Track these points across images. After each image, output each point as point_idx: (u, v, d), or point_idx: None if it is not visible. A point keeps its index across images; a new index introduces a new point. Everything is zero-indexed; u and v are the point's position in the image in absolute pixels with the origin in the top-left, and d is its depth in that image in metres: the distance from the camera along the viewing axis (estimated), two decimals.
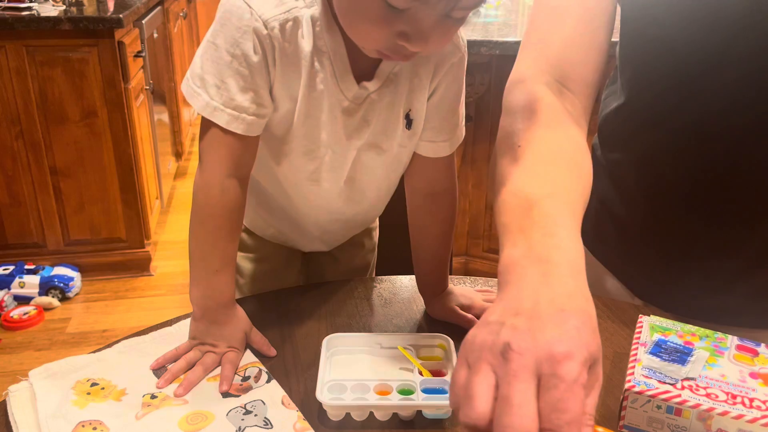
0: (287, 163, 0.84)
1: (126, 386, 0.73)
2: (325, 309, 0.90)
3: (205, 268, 0.79)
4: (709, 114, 0.75)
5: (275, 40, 0.73)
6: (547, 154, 0.65)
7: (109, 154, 2.47)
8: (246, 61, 0.73)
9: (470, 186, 2.45)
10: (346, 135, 0.81)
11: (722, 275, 0.84)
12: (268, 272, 1.06)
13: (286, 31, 0.73)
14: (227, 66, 0.73)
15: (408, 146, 0.86)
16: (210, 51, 0.74)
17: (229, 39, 0.72)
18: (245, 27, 0.72)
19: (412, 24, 0.65)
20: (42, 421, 0.67)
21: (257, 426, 0.67)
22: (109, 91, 2.38)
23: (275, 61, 0.74)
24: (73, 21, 2.27)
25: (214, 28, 0.74)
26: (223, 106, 0.74)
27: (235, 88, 0.73)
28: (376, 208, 0.99)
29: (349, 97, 0.78)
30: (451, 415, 0.69)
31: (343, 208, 0.92)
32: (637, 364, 0.67)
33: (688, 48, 0.74)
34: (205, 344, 0.78)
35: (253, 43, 0.72)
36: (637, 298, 0.95)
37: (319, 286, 0.97)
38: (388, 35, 0.66)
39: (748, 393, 0.63)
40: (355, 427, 0.69)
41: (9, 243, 2.53)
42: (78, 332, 2.33)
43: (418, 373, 0.73)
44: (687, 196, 0.82)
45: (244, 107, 0.74)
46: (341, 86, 0.77)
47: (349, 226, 1.02)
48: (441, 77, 0.82)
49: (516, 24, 2.41)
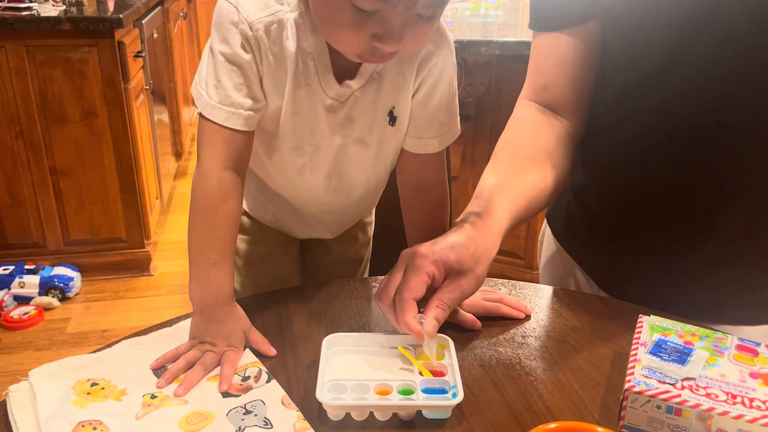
0: (277, 157, 0.89)
1: (126, 386, 0.73)
2: (325, 309, 0.90)
3: (202, 261, 0.80)
4: (669, 110, 0.81)
5: (260, 41, 0.77)
6: (511, 156, 0.87)
7: (109, 154, 2.47)
8: (238, 59, 0.78)
9: (470, 186, 2.45)
10: (331, 131, 0.85)
11: (691, 267, 0.87)
12: (263, 255, 1.09)
13: (271, 32, 0.78)
14: (221, 65, 0.78)
15: (393, 142, 0.90)
16: (209, 54, 0.79)
17: (222, 40, 0.77)
18: (234, 27, 0.76)
19: (382, 25, 0.69)
20: (42, 421, 0.67)
21: (257, 426, 0.67)
22: (109, 91, 2.38)
23: (262, 60, 0.79)
24: (73, 21, 2.27)
25: (211, 33, 0.79)
26: (220, 104, 0.78)
27: (230, 85, 0.78)
28: (368, 200, 1.02)
29: (331, 95, 0.82)
30: (452, 416, 0.69)
31: (333, 200, 0.96)
32: (637, 364, 0.67)
33: (648, 47, 0.80)
34: (205, 343, 0.79)
35: (241, 42, 0.77)
36: (603, 292, 0.99)
37: (319, 286, 0.97)
38: (361, 38, 0.71)
39: (748, 393, 0.63)
40: (355, 427, 0.69)
41: (9, 243, 2.53)
42: (78, 332, 2.33)
43: (418, 373, 0.73)
44: (653, 190, 0.86)
45: (240, 103, 0.79)
46: (323, 85, 0.81)
47: (344, 217, 1.05)
48: (425, 75, 0.85)
49: (516, 24, 2.41)
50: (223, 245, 0.80)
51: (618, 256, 0.95)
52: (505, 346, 0.82)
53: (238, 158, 0.81)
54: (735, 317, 0.89)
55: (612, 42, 0.85)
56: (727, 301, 0.89)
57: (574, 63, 0.88)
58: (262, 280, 1.08)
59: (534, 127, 0.89)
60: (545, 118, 0.90)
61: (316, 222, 1.02)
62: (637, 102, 0.84)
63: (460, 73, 2.10)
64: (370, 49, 0.71)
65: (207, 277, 0.79)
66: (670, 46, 0.78)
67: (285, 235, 1.09)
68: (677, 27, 0.77)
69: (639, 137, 0.85)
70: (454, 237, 0.75)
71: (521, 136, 0.89)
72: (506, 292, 0.94)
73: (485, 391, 0.74)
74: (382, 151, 0.90)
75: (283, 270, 1.11)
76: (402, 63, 0.83)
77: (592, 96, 0.90)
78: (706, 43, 0.75)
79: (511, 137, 0.90)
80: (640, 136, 0.85)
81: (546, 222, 1.09)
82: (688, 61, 0.77)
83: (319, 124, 0.84)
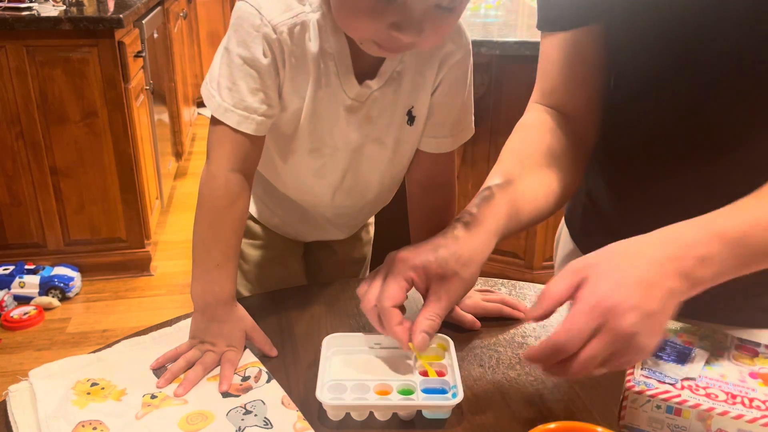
0: (293, 160, 0.88)
1: (126, 386, 0.73)
2: (325, 309, 0.90)
3: (206, 261, 0.80)
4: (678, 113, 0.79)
5: (284, 43, 0.77)
6: (515, 159, 0.83)
7: (109, 154, 2.47)
8: (256, 63, 0.77)
9: (470, 186, 2.45)
10: (350, 132, 0.85)
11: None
12: (271, 259, 1.08)
13: (294, 35, 0.77)
14: (238, 68, 0.77)
15: (410, 141, 0.89)
16: (224, 55, 0.78)
17: (240, 43, 0.77)
18: (256, 31, 0.76)
19: (403, 14, 0.68)
20: (42, 421, 0.67)
21: (257, 426, 0.67)
22: (109, 91, 2.38)
23: (284, 62, 0.78)
24: (73, 21, 2.27)
25: (228, 34, 0.78)
26: (234, 107, 0.78)
27: (246, 89, 0.77)
28: (382, 199, 1.01)
29: (351, 95, 0.82)
30: (452, 416, 0.69)
31: (347, 201, 0.95)
32: (637, 364, 0.67)
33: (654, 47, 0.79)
34: (205, 343, 0.79)
35: (263, 46, 0.76)
36: None
37: (319, 286, 0.97)
38: (380, 26, 0.69)
39: (748, 393, 0.63)
40: (355, 427, 0.69)
41: (9, 243, 2.53)
42: (78, 332, 2.33)
43: (418, 373, 0.73)
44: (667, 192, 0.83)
45: (254, 108, 0.78)
46: (344, 86, 0.81)
47: (357, 218, 1.05)
48: (444, 74, 0.85)
49: (516, 24, 2.41)
50: (228, 247, 0.80)
51: None
52: (505, 346, 0.82)
53: (247, 161, 0.80)
54: (742, 319, 0.88)
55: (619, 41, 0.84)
56: (734, 302, 0.88)
57: (582, 64, 0.87)
58: (269, 284, 1.07)
59: (540, 131, 0.87)
60: (553, 121, 0.88)
61: (327, 224, 1.02)
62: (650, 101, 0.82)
63: None
64: (388, 37, 0.70)
65: (210, 278, 0.79)
66: (677, 47, 0.77)
67: (290, 240, 1.08)
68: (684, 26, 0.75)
69: (652, 136, 0.84)
70: (439, 240, 0.73)
71: (527, 140, 0.87)
72: (506, 292, 0.94)
73: (485, 391, 0.74)
74: (399, 151, 0.90)
75: (290, 272, 1.10)
76: (422, 62, 0.83)
77: (602, 99, 0.88)
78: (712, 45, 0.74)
79: (516, 141, 0.87)
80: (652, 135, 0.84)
81: (564, 222, 1.08)
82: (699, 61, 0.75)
83: (338, 125, 0.84)
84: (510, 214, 0.77)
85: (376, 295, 0.72)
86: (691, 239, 0.61)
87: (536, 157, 0.84)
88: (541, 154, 0.84)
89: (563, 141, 0.86)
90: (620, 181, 0.91)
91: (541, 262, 2.39)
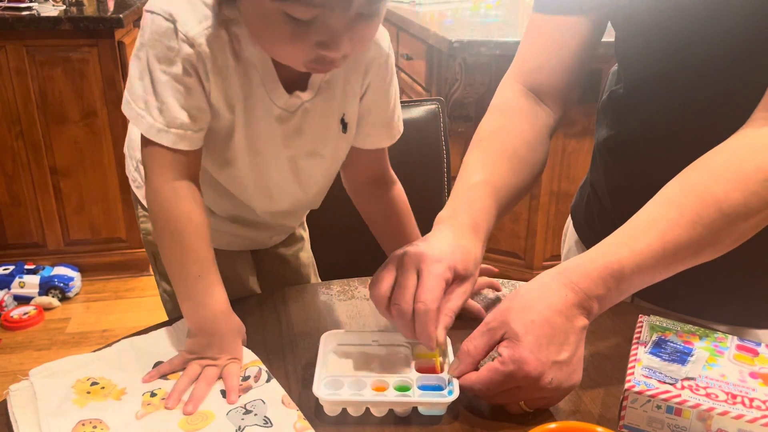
0: (228, 172, 0.85)
1: (126, 385, 0.73)
2: (324, 309, 0.90)
3: (185, 276, 0.76)
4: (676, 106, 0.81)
5: (204, 56, 0.74)
6: (497, 148, 0.86)
7: (109, 154, 2.47)
8: (182, 80, 0.74)
9: None
10: (283, 142, 0.84)
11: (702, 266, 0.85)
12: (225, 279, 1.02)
13: (213, 45, 0.74)
14: (165, 86, 0.74)
15: (345, 148, 0.90)
16: (145, 73, 0.74)
17: (161, 60, 0.73)
18: (174, 49, 0.73)
19: (324, 32, 0.67)
20: (42, 420, 0.67)
21: (257, 425, 0.67)
22: (109, 91, 2.38)
23: (207, 75, 0.75)
24: (73, 21, 2.27)
25: (144, 48, 0.74)
26: (167, 126, 0.75)
27: (176, 106, 0.74)
28: (319, 196, 0.99)
29: (280, 105, 0.80)
30: (448, 413, 0.69)
31: (286, 203, 0.93)
32: (637, 364, 0.67)
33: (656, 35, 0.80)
34: (205, 358, 0.75)
35: (183, 65, 0.73)
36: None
37: (319, 287, 0.97)
38: (305, 48, 0.69)
39: (748, 393, 0.63)
40: (351, 422, 0.69)
41: (9, 243, 2.54)
42: (78, 332, 2.33)
43: (415, 370, 0.73)
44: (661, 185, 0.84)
45: (188, 124, 0.75)
46: (271, 95, 0.79)
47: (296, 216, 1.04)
48: (370, 78, 0.86)
49: (516, 24, 2.41)
50: (200, 254, 0.77)
51: None
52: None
53: (189, 167, 0.78)
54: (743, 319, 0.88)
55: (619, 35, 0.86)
56: (735, 300, 0.88)
57: (573, 50, 0.88)
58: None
59: (519, 117, 0.89)
60: (530, 106, 0.90)
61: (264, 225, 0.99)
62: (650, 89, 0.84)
63: (461, 72, 2.10)
64: (318, 57, 0.69)
65: (196, 291, 0.76)
66: (676, 41, 0.78)
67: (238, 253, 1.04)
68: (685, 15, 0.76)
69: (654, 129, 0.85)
70: (458, 240, 0.75)
71: (507, 127, 0.88)
72: (506, 292, 0.94)
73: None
74: (336, 158, 0.90)
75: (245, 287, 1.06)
76: (349, 69, 0.82)
77: (577, 89, 0.91)
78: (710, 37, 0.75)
79: (497, 127, 0.89)
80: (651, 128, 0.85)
81: (570, 216, 1.09)
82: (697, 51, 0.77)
83: (270, 135, 0.82)
84: (497, 215, 0.82)
85: (411, 294, 0.71)
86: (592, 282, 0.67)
87: (516, 149, 0.86)
88: (521, 143, 0.87)
89: (537, 130, 0.89)
90: (619, 174, 0.92)
91: (541, 262, 2.39)
